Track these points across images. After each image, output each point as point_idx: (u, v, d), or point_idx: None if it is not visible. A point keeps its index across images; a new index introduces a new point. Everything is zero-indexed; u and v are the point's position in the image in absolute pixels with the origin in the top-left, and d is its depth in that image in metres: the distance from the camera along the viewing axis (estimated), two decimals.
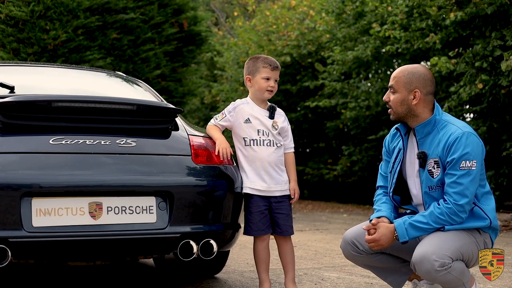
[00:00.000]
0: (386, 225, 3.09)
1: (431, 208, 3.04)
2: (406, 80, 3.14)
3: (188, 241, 3.34)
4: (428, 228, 3.02)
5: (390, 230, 3.06)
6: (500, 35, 7.81)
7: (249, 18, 19.80)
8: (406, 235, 3.02)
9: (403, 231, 3.02)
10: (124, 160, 3.31)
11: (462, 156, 2.99)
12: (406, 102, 3.14)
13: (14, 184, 3.05)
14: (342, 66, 11.98)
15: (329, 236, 7.27)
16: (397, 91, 3.16)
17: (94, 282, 4.25)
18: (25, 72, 4.29)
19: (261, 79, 3.64)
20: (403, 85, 3.14)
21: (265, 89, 3.64)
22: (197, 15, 12.07)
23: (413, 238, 3.06)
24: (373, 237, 3.09)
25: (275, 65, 3.65)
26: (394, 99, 3.17)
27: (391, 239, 3.06)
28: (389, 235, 3.06)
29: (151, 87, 4.71)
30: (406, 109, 3.15)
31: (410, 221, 3.03)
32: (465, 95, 8.13)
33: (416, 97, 3.13)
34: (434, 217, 3.01)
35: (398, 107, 3.16)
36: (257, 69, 3.65)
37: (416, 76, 3.14)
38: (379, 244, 3.08)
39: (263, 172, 3.59)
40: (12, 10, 9.73)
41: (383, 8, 10.03)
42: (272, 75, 3.64)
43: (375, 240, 3.08)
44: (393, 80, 3.18)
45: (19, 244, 3.02)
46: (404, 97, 3.14)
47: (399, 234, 3.03)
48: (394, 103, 3.17)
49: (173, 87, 11.53)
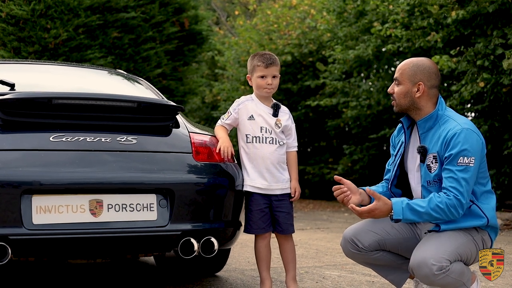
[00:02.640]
0: (386, 200, 3.00)
1: (431, 195, 2.97)
2: (410, 72, 3.12)
3: (189, 239, 3.33)
4: (424, 213, 2.93)
5: (387, 206, 2.97)
6: (502, 33, 7.81)
7: (250, 17, 19.80)
8: (401, 214, 2.94)
9: (399, 210, 2.94)
10: (125, 158, 3.29)
11: (460, 152, 2.95)
12: (409, 94, 3.11)
13: (14, 181, 3.04)
14: (343, 65, 11.97)
15: (330, 235, 7.26)
16: (401, 83, 3.14)
17: (95, 280, 4.24)
18: (26, 70, 4.28)
19: (258, 78, 3.62)
20: (407, 77, 3.12)
21: (262, 87, 3.62)
22: (198, 14, 12.07)
23: (407, 221, 2.97)
24: (369, 207, 2.99)
25: (269, 61, 3.60)
26: (398, 91, 3.15)
27: (385, 214, 2.98)
28: (384, 209, 2.97)
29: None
30: (409, 102, 3.12)
31: (408, 202, 2.96)
32: (467, 94, 8.12)
33: (420, 90, 3.10)
34: (433, 204, 2.94)
35: (401, 99, 3.14)
36: (253, 68, 3.64)
37: (421, 69, 3.12)
38: (372, 215, 3.00)
39: (264, 170, 3.58)
40: (13, 8, 9.72)
41: (384, 7, 10.01)
42: (268, 72, 3.61)
43: (371, 210, 2.98)
44: (398, 72, 3.16)
45: (19, 242, 3.01)
46: (408, 89, 3.12)
47: (394, 211, 2.94)
48: (397, 95, 3.15)
49: (174, 86, 11.54)
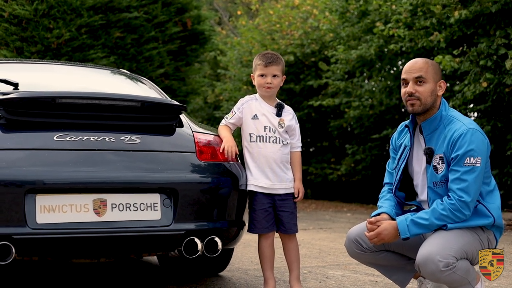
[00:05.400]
0: (389, 221, 3.06)
1: (434, 205, 3.00)
2: (433, 71, 3.12)
3: (192, 238, 3.32)
4: (429, 225, 2.98)
5: (393, 226, 3.03)
6: (505, 33, 7.79)
7: (253, 17, 19.79)
8: (407, 231, 2.98)
9: (404, 228, 2.99)
10: (129, 157, 3.29)
11: (466, 152, 2.96)
12: (434, 93, 3.11)
13: (18, 180, 3.04)
14: (345, 65, 11.96)
15: (333, 235, 7.26)
16: (427, 81, 3.10)
17: (98, 280, 4.24)
18: (29, 69, 4.29)
19: (258, 77, 3.64)
20: (432, 75, 3.11)
21: (262, 86, 3.63)
22: (200, 14, 12.07)
23: (415, 235, 3.01)
24: (375, 231, 3.05)
25: (269, 60, 3.61)
26: (425, 89, 3.09)
27: (394, 234, 3.02)
28: (391, 230, 3.02)
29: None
30: (433, 100, 3.11)
31: (412, 218, 3.00)
32: (470, 94, 8.10)
33: (442, 88, 3.14)
34: (437, 213, 2.97)
35: (428, 97, 3.09)
36: (255, 67, 3.68)
37: (438, 68, 3.16)
38: (380, 238, 3.04)
39: (267, 169, 3.58)
40: (15, 8, 9.72)
41: (387, 7, 10.00)
42: (267, 71, 3.62)
43: (378, 234, 3.04)
44: (421, 71, 3.10)
45: (23, 241, 3.01)
46: (433, 88, 3.11)
47: (400, 231, 2.99)
48: (424, 94, 3.08)
49: (176, 86, 11.53)
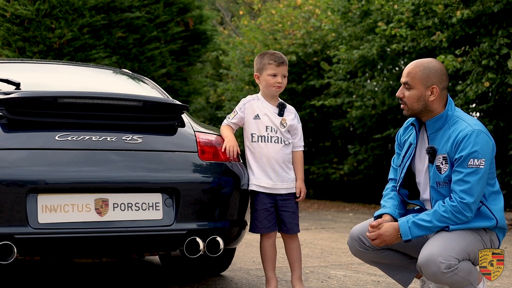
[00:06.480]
0: (390, 222, 3.05)
1: (436, 206, 2.98)
2: (422, 75, 3.03)
3: (194, 238, 3.32)
4: (431, 227, 2.96)
5: (394, 227, 3.01)
6: (507, 33, 7.77)
7: (255, 17, 19.78)
8: (409, 233, 2.97)
9: (406, 230, 2.97)
10: (130, 157, 3.29)
11: (470, 154, 2.93)
12: (423, 98, 3.03)
13: (20, 180, 3.04)
14: (347, 65, 11.95)
15: (335, 235, 7.25)
16: (413, 87, 3.04)
17: (100, 280, 4.24)
18: (31, 69, 4.29)
19: (268, 76, 3.62)
20: (419, 81, 3.03)
21: (272, 85, 3.62)
22: (202, 14, 12.07)
23: (417, 237, 3.00)
24: (377, 233, 3.04)
25: (281, 60, 3.62)
26: (410, 95, 3.05)
27: (395, 236, 3.01)
28: (393, 232, 3.01)
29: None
30: (422, 106, 3.04)
31: (413, 220, 2.98)
32: (472, 94, 8.09)
33: (434, 93, 3.02)
34: (438, 215, 2.95)
35: (414, 103, 3.05)
36: (263, 66, 3.65)
37: (432, 72, 3.03)
38: (382, 240, 3.03)
39: (269, 169, 3.58)
40: (17, 8, 9.74)
41: (389, 7, 9.98)
42: (279, 71, 3.62)
43: (379, 235, 3.03)
44: (408, 76, 3.05)
45: (24, 241, 3.01)
46: (421, 94, 3.03)
47: (402, 233, 2.98)
48: (409, 100, 3.05)
49: (178, 86, 11.53)
